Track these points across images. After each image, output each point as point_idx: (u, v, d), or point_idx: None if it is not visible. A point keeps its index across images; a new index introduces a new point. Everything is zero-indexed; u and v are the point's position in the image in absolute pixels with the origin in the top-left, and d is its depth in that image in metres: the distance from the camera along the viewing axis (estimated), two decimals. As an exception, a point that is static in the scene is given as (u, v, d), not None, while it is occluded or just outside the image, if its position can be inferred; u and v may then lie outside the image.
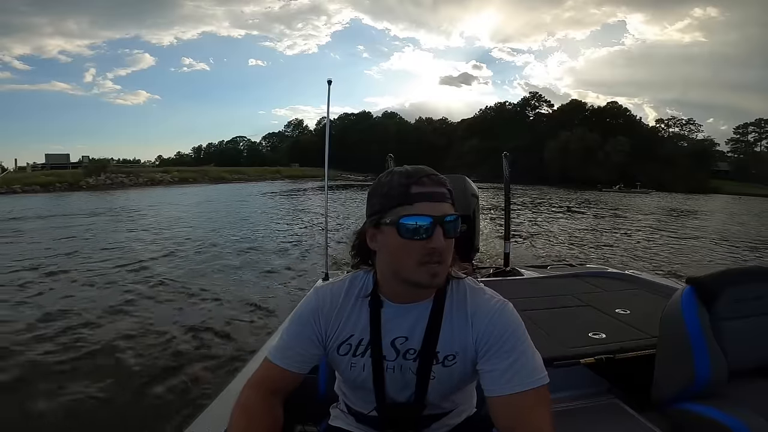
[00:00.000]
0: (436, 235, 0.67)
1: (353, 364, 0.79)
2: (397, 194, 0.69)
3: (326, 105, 2.44)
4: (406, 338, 0.77)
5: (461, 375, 0.78)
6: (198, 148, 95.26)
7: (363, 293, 0.79)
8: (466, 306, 0.77)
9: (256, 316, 4.27)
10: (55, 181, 28.32)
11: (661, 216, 17.16)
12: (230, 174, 44.56)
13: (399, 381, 0.78)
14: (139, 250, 7.71)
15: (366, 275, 0.81)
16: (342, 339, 0.79)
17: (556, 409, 0.68)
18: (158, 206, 17.03)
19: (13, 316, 4.14)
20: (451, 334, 0.76)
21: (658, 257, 7.83)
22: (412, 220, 0.67)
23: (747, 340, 1.22)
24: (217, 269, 6.23)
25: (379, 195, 0.72)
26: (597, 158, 52.11)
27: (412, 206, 0.68)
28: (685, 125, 63.44)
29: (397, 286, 0.75)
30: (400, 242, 0.68)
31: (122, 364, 3.12)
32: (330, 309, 0.79)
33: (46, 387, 2.76)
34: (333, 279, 0.86)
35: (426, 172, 0.71)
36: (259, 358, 1.26)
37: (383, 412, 0.81)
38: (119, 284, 5.36)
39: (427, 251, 0.68)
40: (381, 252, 0.75)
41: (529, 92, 76.45)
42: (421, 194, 0.68)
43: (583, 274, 2.52)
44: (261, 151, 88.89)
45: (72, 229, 10.21)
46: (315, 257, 7.09)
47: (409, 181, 0.69)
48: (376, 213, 0.72)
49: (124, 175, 33.44)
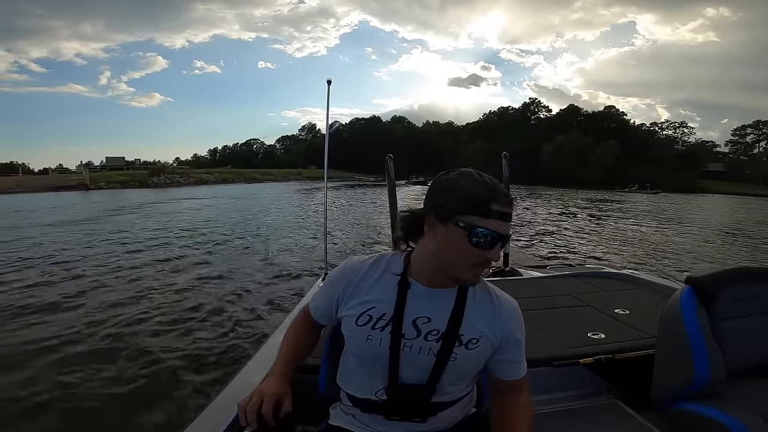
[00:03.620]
0: (496, 249, 0.74)
1: (370, 337, 0.81)
2: (478, 203, 0.72)
3: (326, 105, 2.45)
4: (429, 319, 0.80)
5: (479, 358, 0.83)
6: (213, 150, 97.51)
7: (392, 270, 0.84)
8: (493, 301, 0.85)
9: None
10: (129, 180, 35.18)
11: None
12: (261, 175, 51.30)
13: (414, 360, 0.80)
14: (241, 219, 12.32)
15: (395, 256, 0.86)
16: (362, 309, 0.82)
17: (556, 409, 0.70)
18: (243, 197, 22.81)
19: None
20: (475, 321, 0.82)
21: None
22: (485, 232, 0.72)
23: (746, 339, 1.20)
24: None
25: (455, 195, 0.74)
26: (588, 160, 54.63)
27: (488, 221, 0.72)
28: (679, 128, 65.52)
29: (434, 274, 0.80)
30: (465, 246, 0.73)
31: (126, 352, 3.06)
32: (353, 276, 0.85)
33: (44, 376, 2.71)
34: (365, 256, 0.90)
35: (503, 191, 0.74)
36: (257, 359, 1.29)
37: (393, 392, 0.81)
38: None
39: (485, 261, 0.75)
40: (435, 242, 0.77)
41: (529, 98, 79.41)
42: (498, 213, 0.73)
43: (582, 275, 2.50)
44: (275, 154, 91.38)
45: (190, 211, 15.15)
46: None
47: (489, 196, 0.73)
48: (448, 210, 0.74)
49: (178, 176, 39.99)
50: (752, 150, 62.72)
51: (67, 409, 2.37)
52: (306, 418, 1.06)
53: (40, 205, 17.74)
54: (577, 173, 53.05)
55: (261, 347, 1.42)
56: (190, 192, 27.74)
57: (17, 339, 3.36)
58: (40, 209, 15.97)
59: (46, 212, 14.76)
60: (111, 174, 38.63)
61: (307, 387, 0.96)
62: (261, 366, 1.18)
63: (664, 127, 66.81)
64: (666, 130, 66.32)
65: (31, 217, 13.10)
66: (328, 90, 2.46)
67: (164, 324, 3.72)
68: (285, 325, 1.48)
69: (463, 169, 0.78)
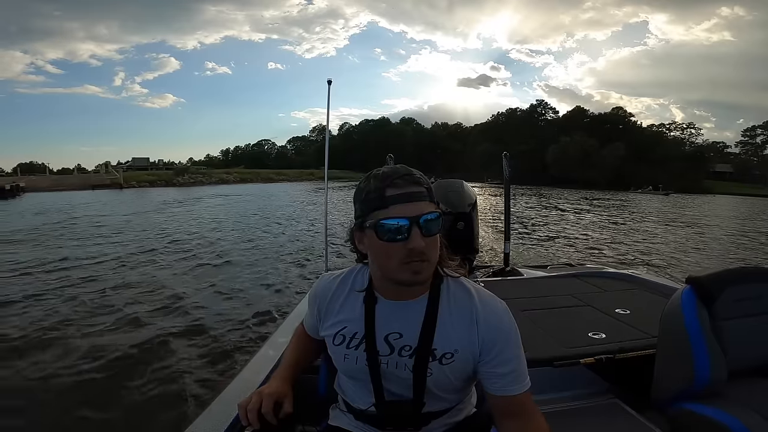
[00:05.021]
0: (413, 235, 0.67)
1: (347, 356, 0.79)
2: (373, 198, 0.69)
3: (327, 105, 2.44)
4: (400, 335, 0.76)
5: (460, 372, 0.75)
6: (226, 151, 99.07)
7: (357, 287, 0.81)
8: (471, 305, 0.76)
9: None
10: (156, 179, 38.15)
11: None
12: (277, 175, 53.84)
13: (395, 377, 0.77)
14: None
15: (363, 269, 0.82)
16: (336, 329, 0.80)
17: (556, 409, 0.66)
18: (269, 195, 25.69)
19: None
20: (450, 332, 0.75)
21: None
22: (389, 222, 0.67)
23: (746, 339, 1.19)
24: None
25: (359, 200, 0.73)
26: (593, 161, 54.92)
27: (387, 209, 0.68)
28: (686, 129, 64.92)
29: (387, 284, 0.75)
30: (380, 245, 0.69)
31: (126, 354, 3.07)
32: (324, 296, 0.83)
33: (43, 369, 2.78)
34: (339, 270, 0.87)
35: (400, 173, 0.70)
36: (257, 359, 1.28)
37: (382, 408, 0.79)
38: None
39: (407, 252, 0.68)
40: (368, 253, 0.75)
41: (537, 100, 78.70)
42: (394, 196, 0.68)
43: (582, 274, 2.48)
44: (287, 155, 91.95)
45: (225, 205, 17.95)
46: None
47: (383, 185, 0.69)
48: (359, 217, 0.73)
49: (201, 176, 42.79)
50: (762, 151, 61.85)
51: (66, 408, 2.38)
52: (306, 419, 1.04)
53: (91, 200, 20.45)
54: (582, 174, 53.40)
55: (261, 347, 1.40)
56: (217, 190, 30.12)
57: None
58: (93, 203, 18.63)
59: (116, 205, 17.70)
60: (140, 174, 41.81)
61: (307, 387, 0.95)
62: (261, 366, 1.21)
63: (672, 128, 66.56)
64: (673, 131, 66.08)
65: (109, 210, 15.83)
66: (329, 90, 2.48)
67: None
68: (285, 325, 1.50)
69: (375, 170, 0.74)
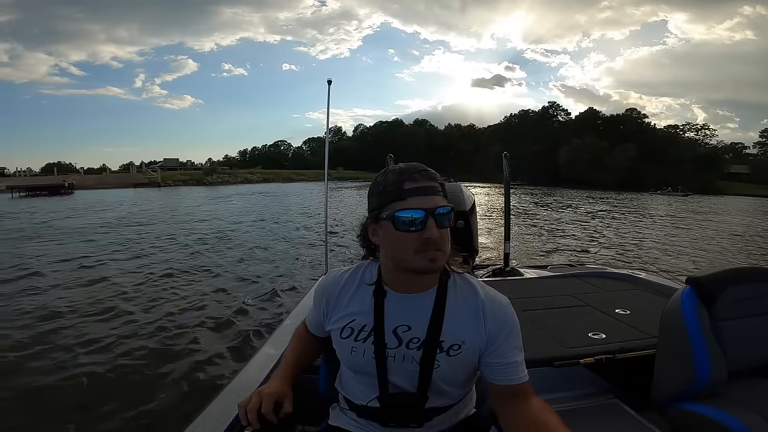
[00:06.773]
0: (429, 226, 0.71)
1: (354, 349, 0.80)
2: (391, 191, 0.73)
3: (327, 105, 2.42)
4: (409, 327, 0.78)
5: (466, 364, 0.78)
6: (243, 152, 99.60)
7: (367, 280, 0.83)
8: (477, 299, 0.79)
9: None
10: (189, 179, 41.58)
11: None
12: (296, 175, 55.61)
13: (401, 370, 0.78)
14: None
15: (371, 265, 0.85)
16: (344, 322, 0.82)
17: (557, 409, 0.71)
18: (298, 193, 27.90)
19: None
20: (458, 324, 0.77)
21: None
22: (406, 213, 0.71)
23: (747, 339, 1.18)
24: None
25: (376, 193, 0.76)
26: (604, 163, 54.82)
27: (405, 201, 0.72)
28: (701, 129, 64.27)
29: (400, 276, 0.78)
30: (397, 235, 0.72)
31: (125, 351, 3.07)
32: (333, 290, 0.85)
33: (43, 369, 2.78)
34: (346, 267, 0.89)
35: (417, 168, 0.74)
36: (257, 359, 1.27)
37: (386, 402, 0.79)
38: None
39: (423, 241, 0.71)
40: (382, 245, 0.78)
41: (548, 101, 78.22)
42: (413, 189, 0.72)
43: (582, 275, 2.47)
44: (303, 156, 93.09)
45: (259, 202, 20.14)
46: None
47: (401, 178, 0.73)
48: (375, 209, 0.76)
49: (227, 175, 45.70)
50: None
51: (66, 408, 2.39)
52: (306, 418, 1.04)
53: (139, 198, 22.52)
54: (593, 175, 53.31)
55: (261, 347, 1.39)
56: (250, 188, 32.39)
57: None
58: (154, 200, 20.99)
59: (175, 200, 20.34)
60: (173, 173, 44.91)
61: (307, 387, 0.94)
62: (261, 366, 1.21)
63: (686, 129, 65.73)
64: (688, 132, 65.26)
65: (170, 208, 18.00)
66: (329, 90, 2.46)
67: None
68: (285, 325, 1.52)
69: (388, 167, 0.78)
